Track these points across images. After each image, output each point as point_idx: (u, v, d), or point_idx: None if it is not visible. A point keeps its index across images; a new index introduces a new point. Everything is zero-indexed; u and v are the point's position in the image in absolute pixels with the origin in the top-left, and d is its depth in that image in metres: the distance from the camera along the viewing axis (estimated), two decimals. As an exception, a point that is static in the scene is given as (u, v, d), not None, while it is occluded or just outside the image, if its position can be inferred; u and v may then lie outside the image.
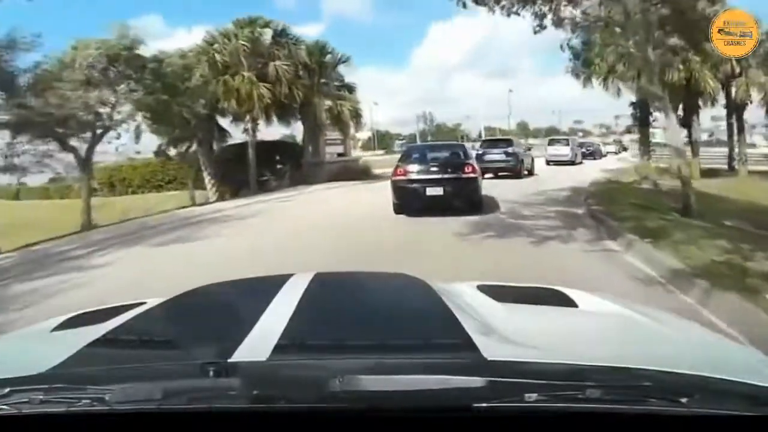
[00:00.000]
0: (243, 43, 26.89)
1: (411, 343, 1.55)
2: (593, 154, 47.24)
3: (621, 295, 3.15)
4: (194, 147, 27.47)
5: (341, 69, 30.57)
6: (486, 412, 1.10)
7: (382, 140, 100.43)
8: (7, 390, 1.23)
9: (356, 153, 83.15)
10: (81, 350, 1.58)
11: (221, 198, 26.53)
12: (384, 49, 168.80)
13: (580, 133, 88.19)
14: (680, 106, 26.54)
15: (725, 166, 31.28)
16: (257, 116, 27.05)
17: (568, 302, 2.13)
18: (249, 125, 27.57)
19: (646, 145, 27.50)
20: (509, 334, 1.56)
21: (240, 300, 2.27)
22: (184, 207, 22.23)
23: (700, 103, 28.16)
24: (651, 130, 28.42)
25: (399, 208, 13.78)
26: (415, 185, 13.54)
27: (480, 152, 25.75)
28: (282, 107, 28.76)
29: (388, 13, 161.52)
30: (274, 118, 29.90)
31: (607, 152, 54.85)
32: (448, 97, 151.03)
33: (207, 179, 28.37)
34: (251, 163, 27.51)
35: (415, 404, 1.16)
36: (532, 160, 29.11)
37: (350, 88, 31.07)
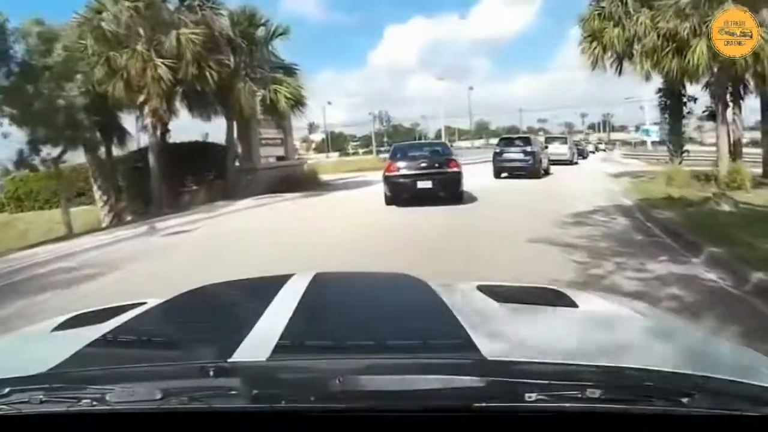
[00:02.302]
0: (132, 2, 18.83)
1: (411, 343, 1.53)
2: (581, 153, 45.40)
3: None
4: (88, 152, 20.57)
5: (282, 49, 23.67)
6: (486, 412, 1.10)
7: (336, 142, 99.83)
8: (7, 390, 1.22)
9: (309, 155, 79.79)
10: (81, 350, 1.58)
11: (118, 220, 20.59)
12: (339, 50, 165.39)
13: (540, 132, 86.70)
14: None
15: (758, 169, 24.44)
16: (158, 107, 19.51)
17: (568, 302, 2.10)
18: (148, 120, 20.02)
19: (677, 144, 21.05)
20: (509, 334, 1.59)
21: (240, 300, 2.31)
22: (40, 244, 14.83)
23: (741, 90, 20.77)
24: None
25: (391, 200, 16.05)
26: (406, 179, 15.79)
27: (497, 151, 25.65)
28: (198, 95, 21.60)
29: (343, 15, 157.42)
30: (187, 111, 22.92)
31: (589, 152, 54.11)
32: (404, 98, 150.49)
33: (97, 195, 21.35)
34: (153, 173, 20.27)
35: (415, 404, 1.15)
36: (548, 159, 28.26)
37: (289, 70, 23.38)
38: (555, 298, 2.21)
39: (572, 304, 2.07)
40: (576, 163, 36.59)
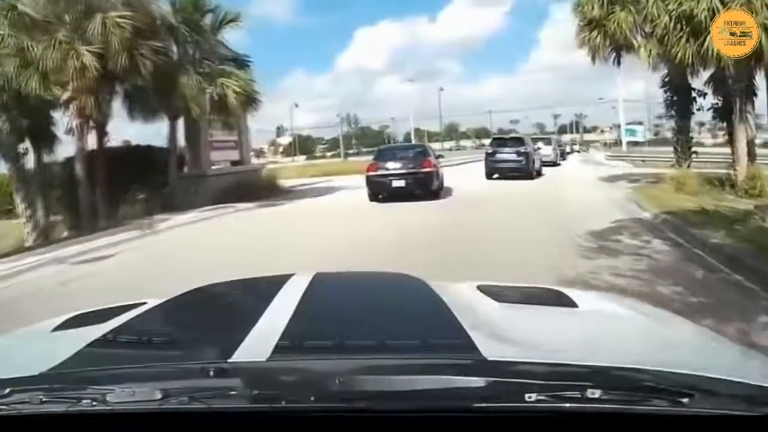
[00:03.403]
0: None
1: (411, 343, 1.54)
2: (561, 154, 43.66)
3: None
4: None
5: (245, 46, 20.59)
6: (486, 412, 1.11)
7: (304, 145, 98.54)
8: (7, 390, 1.22)
9: (277, 159, 77.34)
10: (81, 350, 1.58)
11: (45, 237, 17.44)
12: (309, 53, 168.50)
13: (511, 133, 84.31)
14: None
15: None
16: (85, 105, 16.22)
17: (568, 302, 2.09)
18: (75, 122, 16.89)
19: (685, 144, 18.54)
20: (509, 334, 1.57)
21: (240, 300, 2.32)
22: None
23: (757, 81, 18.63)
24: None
25: (373, 197, 17.95)
26: (384, 179, 17.74)
27: (489, 151, 25.43)
28: (139, 92, 18.67)
29: (312, 18, 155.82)
30: (127, 112, 19.85)
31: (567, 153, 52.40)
32: (374, 100, 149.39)
33: (21, 208, 18.23)
34: (81, 183, 17.22)
35: (415, 404, 1.15)
36: (540, 159, 28.07)
37: (240, 63, 20.36)
38: (555, 298, 2.21)
39: (572, 304, 2.07)
40: (559, 164, 35.89)
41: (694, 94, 18.07)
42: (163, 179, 19.45)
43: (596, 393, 1.09)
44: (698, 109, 18.38)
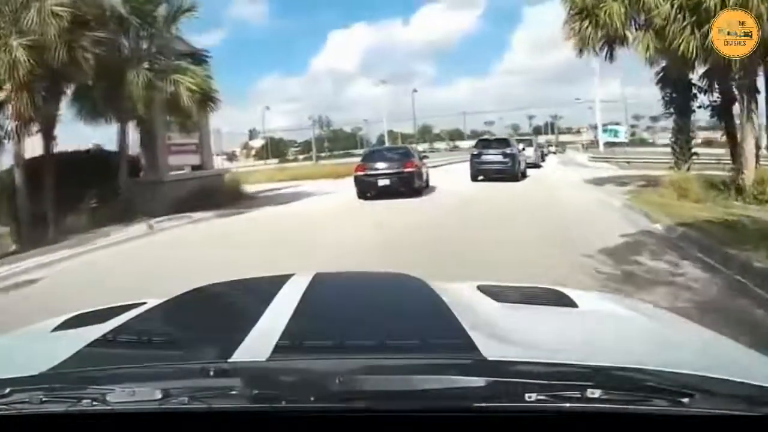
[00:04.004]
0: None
1: (411, 343, 1.53)
2: (541, 156, 42.50)
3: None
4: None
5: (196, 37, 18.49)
6: (486, 412, 1.11)
7: (277, 148, 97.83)
8: (7, 390, 1.22)
9: (249, 162, 75.92)
10: (81, 350, 1.58)
11: None
12: (282, 56, 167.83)
13: (485, 135, 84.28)
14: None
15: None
16: (19, 105, 14.34)
17: (568, 302, 2.10)
18: (10, 122, 15.09)
19: (685, 145, 17.13)
20: (509, 334, 1.57)
21: (240, 300, 2.31)
22: None
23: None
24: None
25: (361, 195, 19.64)
26: (371, 178, 19.56)
27: (475, 153, 25.24)
28: (87, 92, 16.73)
29: (286, 21, 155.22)
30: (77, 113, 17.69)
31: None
32: (347, 103, 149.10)
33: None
34: (20, 192, 15.27)
35: (415, 404, 1.16)
36: (525, 161, 28.00)
37: (198, 59, 18.57)
38: (555, 298, 2.21)
39: (572, 304, 2.07)
40: (541, 165, 35.46)
41: (694, 91, 16.73)
42: (113, 186, 17.53)
43: (596, 393, 1.09)
44: (699, 107, 17.03)
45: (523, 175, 25.98)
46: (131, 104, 16.16)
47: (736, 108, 16.00)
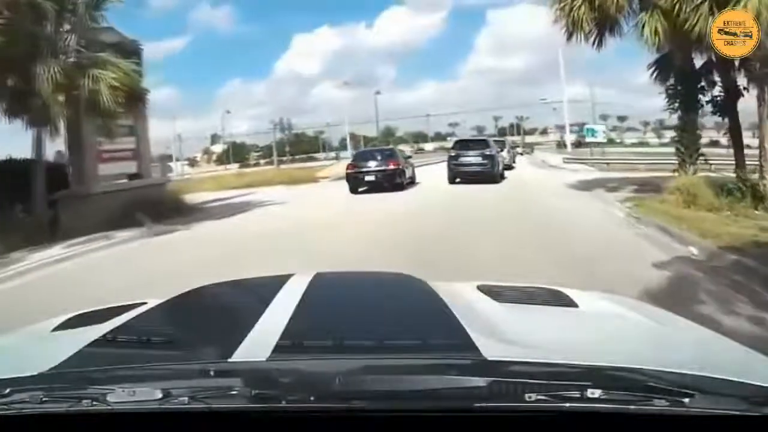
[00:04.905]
0: None
1: (411, 343, 1.54)
2: (513, 157, 40.70)
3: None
4: None
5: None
6: (486, 412, 1.11)
7: (239, 152, 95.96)
8: (7, 390, 1.22)
9: (210, 168, 73.93)
10: (81, 350, 1.58)
11: None
12: (246, 60, 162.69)
13: (448, 139, 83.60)
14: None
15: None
16: None
17: (568, 302, 2.10)
18: None
19: (692, 145, 14.88)
20: (509, 334, 1.56)
21: (240, 300, 2.31)
22: None
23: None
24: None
25: (352, 189, 22.71)
26: (359, 175, 22.78)
27: (453, 155, 24.71)
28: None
29: (250, 26, 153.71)
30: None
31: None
32: (311, 106, 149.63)
33: None
34: None
35: (415, 404, 1.16)
36: (503, 162, 27.83)
37: (127, 51, 15.79)
38: (555, 298, 2.20)
39: (572, 304, 2.07)
40: (513, 167, 34.09)
41: (702, 84, 14.58)
42: (27, 199, 14.73)
43: (596, 393, 1.09)
44: (708, 101, 14.78)
45: (502, 177, 25.35)
46: (41, 104, 13.38)
47: (741, 103, 14.47)
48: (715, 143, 29.28)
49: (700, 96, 14.63)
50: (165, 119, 70.66)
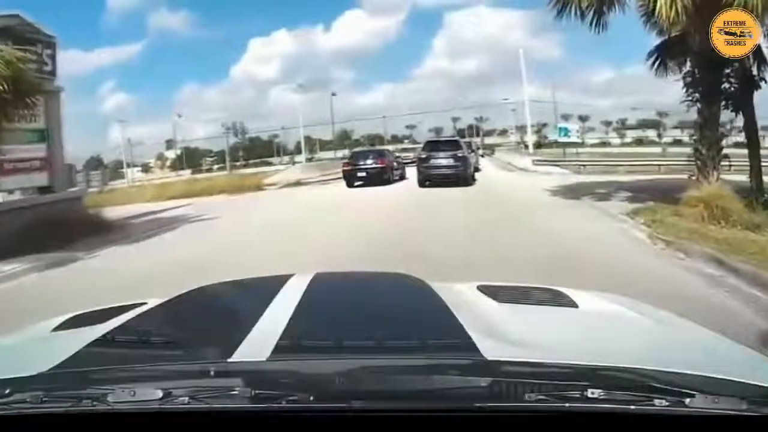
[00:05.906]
0: None
1: (411, 343, 1.53)
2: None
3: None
4: None
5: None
6: (486, 412, 1.10)
7: (193, 158, 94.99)
8: (7, 390, 1.21)
9: (164, 174, 71.49)
10: (81, 350, 1.57)
11: None
12: (202, 65, 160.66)
13: (406, 141, 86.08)
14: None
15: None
16: None
17: (569, 302, 2.08)
18: None
19: (715, 145, 11.91)
20: (509, 334, 1.56)
21: (240, 300, 2.30)
22: None
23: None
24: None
25: (349, 184, 25.78)
26: (354, 172, 26.16)
27: (423, 156, 23.86)
28: None
29: (206, 30, 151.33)
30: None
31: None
32: (267, 110, 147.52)
33: None
34: None
35: (416, 404, 1.15)
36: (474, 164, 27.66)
37: (16, 34, 12.45)
38: (555, 298, 2.19)
39: (572, 304, 2.05)
40: (480, 169, 32.07)
41: (728, 70, 11.97)
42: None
43: (596, 393, 1.08)
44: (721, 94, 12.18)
45: (473, 179, 24.27)
46: None
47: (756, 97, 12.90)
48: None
49: (725, 86, 12.09)
50: (128, 125, 67.90)
